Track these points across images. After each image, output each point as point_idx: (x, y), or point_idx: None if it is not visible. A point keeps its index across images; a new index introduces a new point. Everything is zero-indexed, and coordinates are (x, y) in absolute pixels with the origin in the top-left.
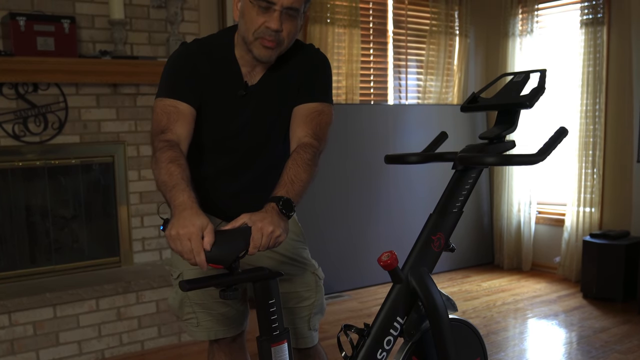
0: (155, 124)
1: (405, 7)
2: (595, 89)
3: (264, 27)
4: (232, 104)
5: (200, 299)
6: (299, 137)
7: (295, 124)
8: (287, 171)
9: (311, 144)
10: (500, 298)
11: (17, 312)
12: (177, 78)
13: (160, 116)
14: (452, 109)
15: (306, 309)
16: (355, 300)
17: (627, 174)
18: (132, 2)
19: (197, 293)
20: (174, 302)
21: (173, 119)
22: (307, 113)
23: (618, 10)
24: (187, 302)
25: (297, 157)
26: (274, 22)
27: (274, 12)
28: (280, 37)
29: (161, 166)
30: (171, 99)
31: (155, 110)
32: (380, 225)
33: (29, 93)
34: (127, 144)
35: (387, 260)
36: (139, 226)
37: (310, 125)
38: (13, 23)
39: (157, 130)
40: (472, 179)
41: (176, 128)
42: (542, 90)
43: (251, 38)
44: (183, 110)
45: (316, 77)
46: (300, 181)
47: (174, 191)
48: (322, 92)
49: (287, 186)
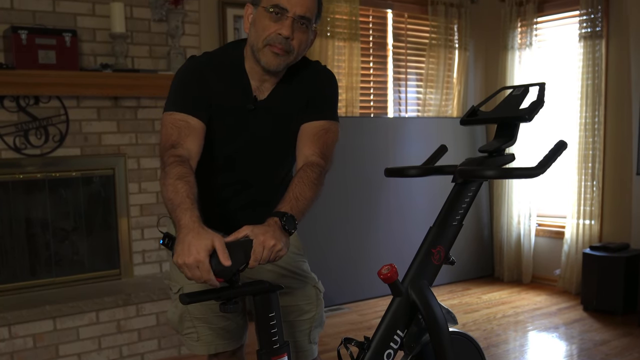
0: (165, 138)
1: (404, 21)
2: (594, 101)
3: (275, 34)
4: (241, 118)
5: (200, 313)
6: (306, 155)
7: (302, 141)
8: (293, 188)
9: (318, 163)
10: (500, 310)
11: (17, 325)
12: (187, 92)
13: (171, 130)
14: (451, 121)
15: (307, 322)
16: (355, 313)
17: (626, 187)
18: (133, 15)
19: (197, 307)
20: (173, 316)
21: (184, 134)
22: (314, 131)
23: (616, 24)
24: (187, 317)
25: (304, 175)
26: (286, 29)
27: (286, 20)
28: (290, 45)
29: (168, 182)
30: (182, 113)
31: (164, 124)
32: (381, 238)
33: (30, 106)
34: (127, 156)
35: (387, 273)
36: (140, 238)
37: (317, 144)
38: (15, 36)
39: (167, 145)
40: (472, 192)
41: (187, 143)
42: (541, 103)
43: (261, 45)
44: (194, 125)
45: (324, 95)
46: (305, 199)
47: (177, 211)
48: (329, 110)
49: (291, 202)
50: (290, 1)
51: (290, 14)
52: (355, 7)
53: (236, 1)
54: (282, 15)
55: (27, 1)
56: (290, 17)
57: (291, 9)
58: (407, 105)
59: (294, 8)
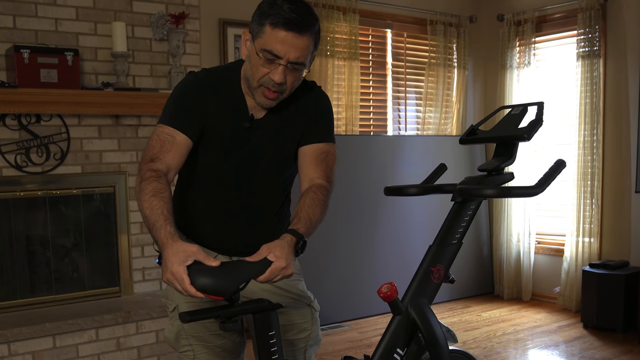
0: (147, 149)
1: (404, 40)
2: (593, 120)
3: (268, 77)
4: (237, 136)
5: (196, 331)
6: (312, 177)
7: (306, 164)
8: (306, 209)
9: (325, 186)
10: (500, 328)
11: (17, 342)
12: (181, 107)
13: (155, 142)
14: (451, 140)
15: (302, 341)
16: (355, 331)
17: (625, 204)
18: (134, 35)
19: (193, 326)
20: (170, 334)
21: (166, 149)
22: (316, 154)
23: (614, 43)
24: (183, 335)
25: (315, 197)
26: (278, 75)
27: (278, 66)
28: (282, 88)
29: (144, 198)
30: (171, 127)
31: (152, 136)
32: (380, 256)
33: (31, 124)
34: (128, 174)
35: (387, 292)
36: (140, 256)
37: (320, 167)
38: (17, 55)
39: (147, 157)
40: (471, 211)
41: (167, 158)
42: (540, 123)
43: (255, 84)
44: (179, 141)
45: (321, 118)
46: (316, 222)
47: (154, 230)
48: (328, 132)
49: (307, 224)
50: (285, 46)
51: (283, 61)
52: (355, 27)
53: (237, 21)
54: (275, 60)
55: (29, 21)
56: (283, 65)
57: (284, 55)
58: (407, 123)
59: (287, 55)
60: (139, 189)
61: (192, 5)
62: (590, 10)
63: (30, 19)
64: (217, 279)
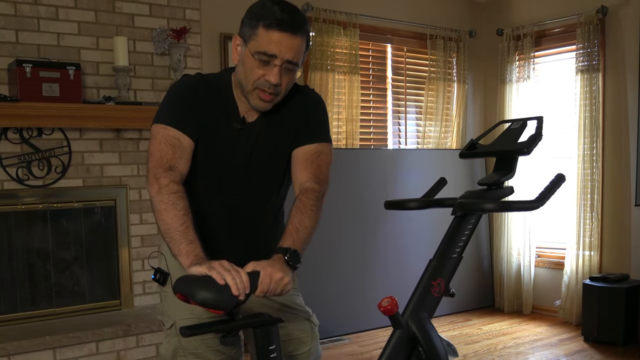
0: (158, 154)
1: (404, 54)
2: (592, 134)
3: (263, 79)
4: (229, 138)
5: (195, 348)
6: (300, 182)
7: (296, 168)
8: (292, 219)
9: (313, 188)
10: (501, 342)
11: (17, 355)
12: (181, 108)
13: (165, 147)
14: (450, 153)
15: (302, 356)
16: (355, 344)
17: (625, 218)
18: (136, 49)
19: (192, 342)
20: (166, 352)
21: (178, 155)
22: (306, 156)
23: (613, 57)
24: (181, 352)
25: (300, 204)
26: (274, 76)
27: (274, 67)
28: (278, 90)
29: (170, 212)
30: (175, 129)
31: (156, 137)
32: (380, 270)
33: (33, 137)
34: (129, 187)
35: (387, 306)
36: (140, 269)
37: (309, 168)
38: (19, 69)
39: (162, 162)
40: (471, 225)
41: (181, 165)
42: (539, 137)
43: (250, 88)
44: (185, 145)
45: (313, 119)
46: (305, 228)
47: (189, 245)
48: (320, 132)
49: (292, 235)
50: (280, 47)
51: (279, 61)
52: (355, 41)
53: None
54: (270, 62)
55: (32, 35)
56: (278, 65)
57: (280, 54)
58: (407, 137)
59: (283, 54)
60: (159, 198)
61: (194, 20)
62: (589, 25)
63: (33, 34)
64: (218, 293)
